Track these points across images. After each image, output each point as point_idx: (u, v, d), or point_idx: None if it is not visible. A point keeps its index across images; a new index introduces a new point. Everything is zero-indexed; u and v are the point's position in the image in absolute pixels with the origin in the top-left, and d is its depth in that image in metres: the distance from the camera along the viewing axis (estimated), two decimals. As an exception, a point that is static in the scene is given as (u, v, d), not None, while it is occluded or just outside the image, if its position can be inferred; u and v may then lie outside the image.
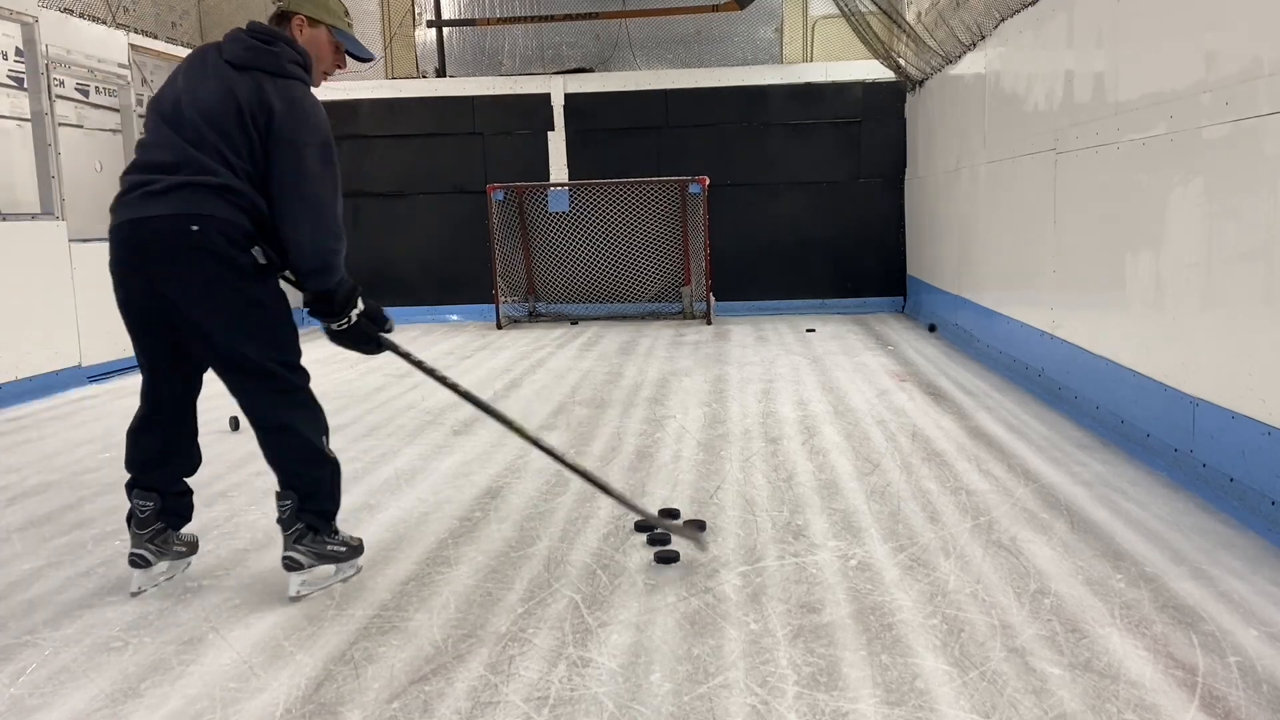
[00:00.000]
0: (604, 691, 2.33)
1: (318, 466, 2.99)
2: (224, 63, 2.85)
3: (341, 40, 3.07)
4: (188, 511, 3.12)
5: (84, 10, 7.74)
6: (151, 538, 3.00)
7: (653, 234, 10.06)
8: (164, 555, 3.05)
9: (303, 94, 2.87)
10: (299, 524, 2.94)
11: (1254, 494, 3.32)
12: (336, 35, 3.05)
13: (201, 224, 2.73)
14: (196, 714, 2.29)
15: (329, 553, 3.01)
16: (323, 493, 3.01)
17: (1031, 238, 5.67)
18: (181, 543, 3.14)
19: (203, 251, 2.74)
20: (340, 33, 3.06)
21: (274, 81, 2.82)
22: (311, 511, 2.97)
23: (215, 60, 2.87)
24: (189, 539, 3.19)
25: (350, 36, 3.10)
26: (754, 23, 10.77)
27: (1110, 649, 2.47)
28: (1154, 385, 4.04)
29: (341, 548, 3.05)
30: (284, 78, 2.84)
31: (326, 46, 3.04)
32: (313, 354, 3.12)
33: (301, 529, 2.95)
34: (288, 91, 2.82)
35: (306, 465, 2.97)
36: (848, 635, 2.58)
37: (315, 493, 2.98)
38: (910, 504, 3.67)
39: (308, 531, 2.96)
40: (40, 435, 5.34)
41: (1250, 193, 3.31)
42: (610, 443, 4.75)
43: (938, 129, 8.49)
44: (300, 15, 2.97)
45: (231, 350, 2.85)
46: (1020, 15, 5.91)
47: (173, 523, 3.06)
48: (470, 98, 10.26)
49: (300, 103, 2.83)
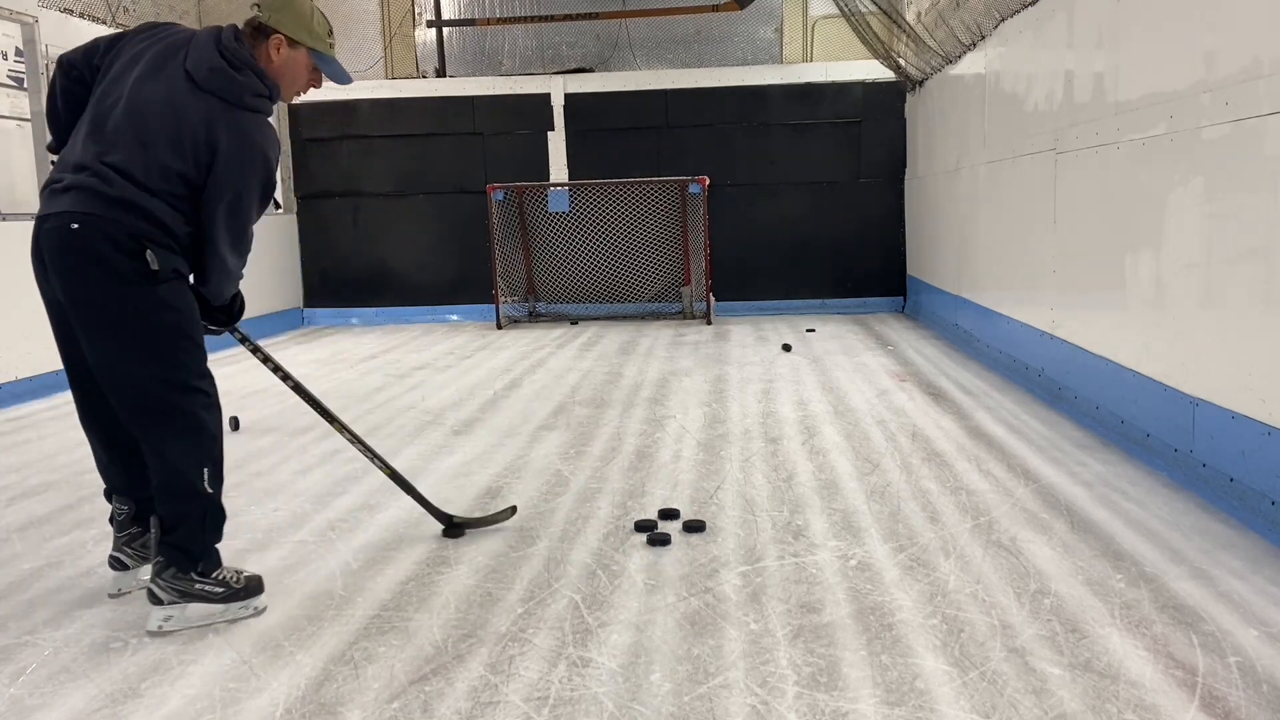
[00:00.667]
0: (604, 691, 2.33)
1: (185, 500, 2.71)
2: (184, 72, 2.68)
3: (320, 64, 2.93)
4: None
5: (84, 10, 7.74)
6: (129, 541, 2.96)
7: (652, 234, 10.06)
8: (144, 559, 2.95)
9: (256, 128, 2.72)
10: (159, 556, 2.72)
11: (1254, 494, 3.32)
12: (315, 58, 2.90)
13: (81, 222, 2.57)
14: (196, 714, 2.29)
15: (196, 592, 2.74)
16: (185, 528, 2.72)
17: (1031, 238, 5.67)
18: None
19: (80, 254, 2.58)
20: (320, 55, 2.91)
21: (229, 113, 2.67)
22: (171, 546, 2.71)
23: (176, 66, 2.69)
24: None
25: (330, 60, 2.94)
26: (754, 23, 10.76)
27: (1110, 649, 2.47)
28: (1154, 385, 4.04)
29: (217, 588, 2.76)
30: (241, 109, 2.70)
31: (303, 69, 2.89)
32: (313, 354, 3.13)
33: (162, 562, 2.71)
34: (241, 125, 2.68)
35: (172, 497, 2.71)
36: (848, 635, 2.58)
37: (176, 527, 2.72)
38: (910, 504, 3.67)
39: (168, 566, 2.71)
40: (40, 435, 5.34)
41: (1250, 193, 3.31)
42: (610, 443, 4.75)
43: (938, 129, 8.49)
44: (280, 35, 2.80)
45: (105, 362, 2.65)
46: (1020, 15, 5.91)
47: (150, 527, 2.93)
48: (470, 98, 10.26)
49: (249, 142, 2.69)
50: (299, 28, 2.83)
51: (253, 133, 2.71)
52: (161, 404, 2.67)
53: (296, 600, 2.93)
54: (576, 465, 4.34)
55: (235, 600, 2.80)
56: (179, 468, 2.69)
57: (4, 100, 7.10)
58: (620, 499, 3.82)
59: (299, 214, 10.45)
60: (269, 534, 3.54)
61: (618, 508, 3.71)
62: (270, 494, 4.03)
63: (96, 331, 2.64)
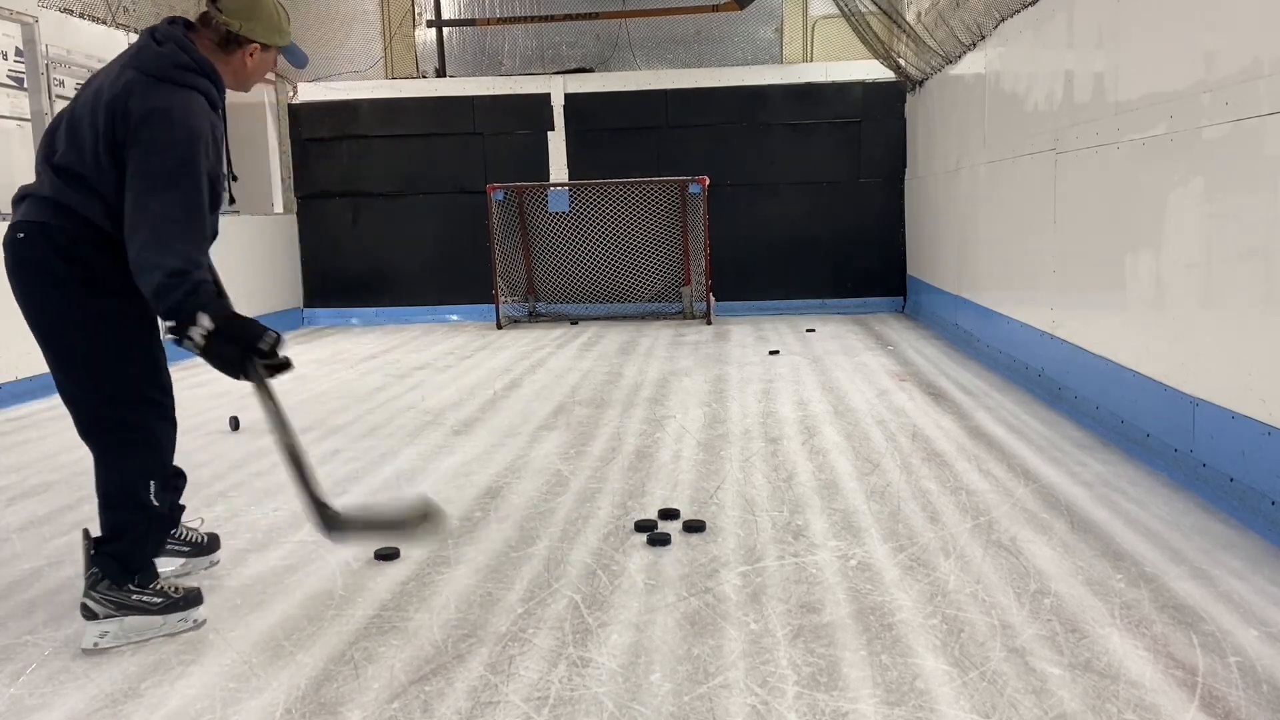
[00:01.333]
0: (604, 691, 2.33)
1: (129, 512, 2.68)
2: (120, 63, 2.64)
3: (286, 56, 2.88)
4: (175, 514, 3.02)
5: (84, 10, 7.73)
6: None
7: (652, 234, 10.06)
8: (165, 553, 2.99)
9: (173, 104, 2.54)
10: (94, 567, 2.64)
11: (1254, 494, 3.32)
12: (282, 52, 2.86)
13: (26, 230, 2.56)
14: (196, 714, 2.29)
15: (134, 604, 2.66)
16: (126, 540, 2.68)
17: (1031, 238, 5.67)
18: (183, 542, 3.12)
19: (25, 264, 2.57)
20: (286, 49, 2.86)
21: (146, 85, 2.54)
22: (108, 555, 2.65)
23: (122, 59, 2.66)
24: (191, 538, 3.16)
25: (292, 48, 2.87)
26: (754, 23, 10.75)
27: (1110, 649, 2.47)
28: (1154, 385, 4.04)
29: (155, 599, 2.69)
30: (159, 81, 2.56)
31: (271, 65, 2.87)
32: (313, 354, 3.13)
33: (96, 574, 2.64)
34: (154, 99, 2.52)
35: (115, 507, 2.68)
36: (848, 635, 2.58)
37: (115, 538, 2.67)
38: (910, 504, 3.67)
39: (103, 578, 2.64)
40: (40, 435, 5.34)
41: (1250, 193, 3.31)
42: (610, 443, 4.75)
43: (938, 129, 8.49)
44: (255, 44, 2.75)
45: (54, 370, 2.64)
46: (1020, 15, 5.91)
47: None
48: (470, 98, 10.26)
49: (164, 114, 2.51)
50: (271, 32, 2.78)
51: (168, 107, 2.53)
52: (106, 420, 2.65)
53: (296, 600, 2.93)
54: (576, 465, 4.34)
55: (174, 611, 2.71)
56: (125, 479, 2.67)
57: (4, 100, 7.10)
58: (620, 499, 3.82)
59: (299, 214, 10.45)
60: (269, 534, 3.54)
61: (618, 508, 3.71)
62: (270, 494, 4.03)
63: (43, 343, 2.64)
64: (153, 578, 2.74)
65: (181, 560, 3.13)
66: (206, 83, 2.66)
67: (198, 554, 3.19)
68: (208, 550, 3.22)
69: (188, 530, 3.18)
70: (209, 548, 3.23)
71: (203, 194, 2.55)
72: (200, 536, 3.21)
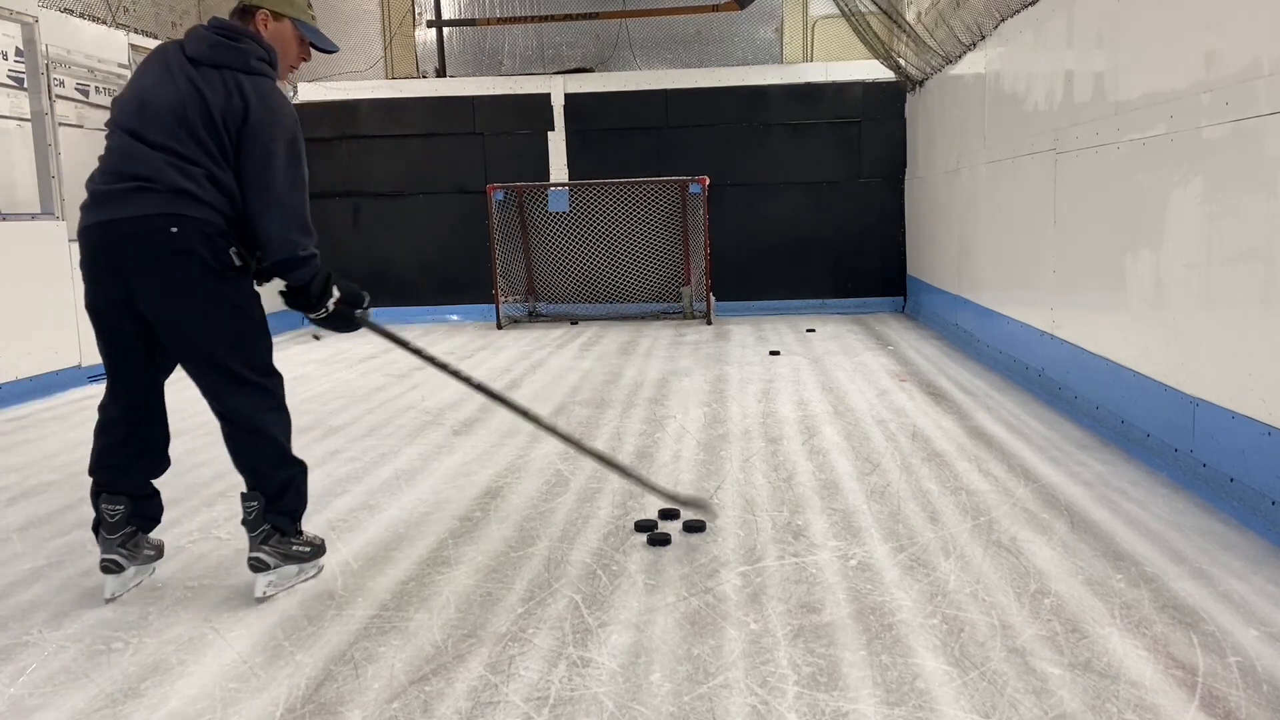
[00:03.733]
0: (604, 691, 2.33)
1: (286, 468, 2.98)
2: (188, 60, 2.82)
3: (305, 33, 3.05)
4: (158, 513, 3.08)
5: (84, 10, 7.73)
6: (123, 542, 2.96)
7: (653, 234, 10.06)
8: (134, 559, 3.00)
9: (271, 90, 2.85)
10: (265, 525, 2.93)
11: (1254, 494, 3.32)
12: (300, 28, 3.03)
13: (180, 225, 2.72)
14: (196, 714, 2.29)
15: (294, 553, 2.99)
16: (290, 494, 2.99)
17: (1031, 238, 5.67)
18: (150, 546, 3.09)
19: (182, 254, 2.73)
20: (304, 25, 3.04)
21: (244, 79, 2.79)
22: (278, 513, 2.95)
23: (178, 59, 2.83)
24: (156, 543, 3.13)
25: (314, 29, 3.08)
26: (754, 23, 10.76)
27: (1110, 649, 2.47)
28: (1154, 385, 4.04)
29: (306, 548, 3.03)
30: (253, 74, 2.82)
31: (291, 40, 3.02)
32: (313, 354, 3.14)
33: (268, 529, 2.93)
34: (258, 88, 2.80)
35: (275, 467, 2.95)
36: (848, 635, 2.58)
37: (282, 494, 2.96)
38: (910, 504, 3.67)
39: (274, 533, 2.94)
40: (40, 435, 5.34)
41: (1250, 193, 3.31)
42: (610, 443, 4.75)
43: (938, 129, 8.49)
44: (264, 10, 2.94)
45: (209, 352, 2.84)
46: (1020, 15, 5.91)
47: (143, 525, 3.03)
48: (470, 98, 10.27)
49: (269, 99, 2.81)
50: (280, 0, 2.96)
51: (269, 92, 2.83)
52: (257, 386, 2.91)
53: (296, 600, 2.93)
54: (576, 465, 4.33)
55: (317, 558, 3.08)
56: (277, 439, 2.94)
57: (4, 100, 7.10)
58: (620, 499, 3.82)
59: (299, 214, 10.44)
60: (269, 534, 3.53)
61: (618, 508, 3.71)
62: (270, 494, 4.02)
63: (199, 325, 2.82)
64: (300, 529, 3.04)
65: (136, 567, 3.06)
66: (274, 71, 2.93)
67: (158, 557, 3.14)
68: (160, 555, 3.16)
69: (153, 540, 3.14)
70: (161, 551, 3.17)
71: (306, 168, 2.89)
72: (158, 540, 3.15)
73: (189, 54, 2.83)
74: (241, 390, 2.88)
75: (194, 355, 2.86)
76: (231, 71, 2.79)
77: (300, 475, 3.03)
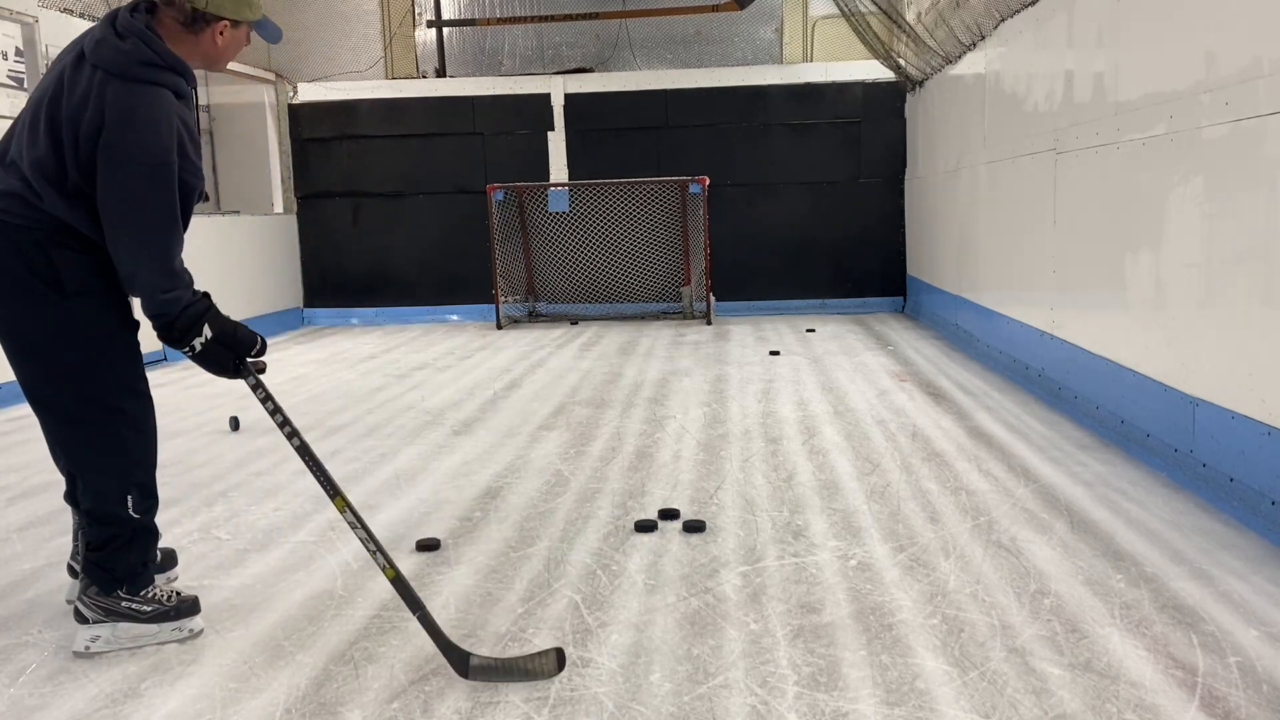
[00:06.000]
0: (604, 691, 2.33)
1: (110, 525, 2.60)
2: (80, 52, 2.48)
3: (259, 31, 2.71)
4: None
5: (84, 10, 7.73)
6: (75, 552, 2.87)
7: (653, 234, 10.06)
8: None
9: (143, 104, 2.42)
10: (85, 574, 2.63)
11: (1254, 494, 3.32)
12: (255, 28, 2.69)
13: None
14: (196, 714, 2.29)
15: (123, 611, 2.62)
16: (109, 550, 2.61)
17: (1031, 238, 5.67)
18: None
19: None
20: (259, 24, 2.70)
21: (114, 85, 2.41)
22: (95, 564, 2.61)
23: (76, 48, 2.50)
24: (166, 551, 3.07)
25: (265, 22, 2.71)
26: (754, 23, 10.75)
27: (1110, 649, 2.47)
28: (1154, 385, 4.04)
29: (145, 607, 2.64)
30: (127, 81, 2.42)
31: (243, 41, 2.69)
32: (312, 354, 3.12)
33: (86, 580, 2.62)
34: (125, 100, 2.40)
35: (97, 521, 2.60)
36: (848, 635, 2.58)
37: (102, 547, 2.60)
38: (910, 504, 3.67)
39: (91, 584, 2.61)
40: (40, 435, 5.32)
41: (1250, 193, 3.31)
42: (610, 443, 4.75)
43: (938, 129, 8.49)
44: (224, 20, 2.58)
45: (27, 379, 2.54)
46: (1020, 15, 5.91)
47: None
48: (470, 98, 10.27)
49: (134, 115, 2.40)
50: (240, 6, 2.60)
51: (137, 106, 2.41)
52: (85, 424, 2.58)
53: (296, 600, 2.93)
54: (576, 465, 4.34)
55: (166, 620, 2.66)
56: (100, 489, 2.58)
57: (4, 100, 7.10)
58: (620, 499, 3.82)
59: (299, 214, 10.45)
60: (269, 534, 3.54)
61: (618, 508, 3.71)
62: (270, 494, 4.03)
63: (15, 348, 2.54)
64: (144, 585, 2.67)
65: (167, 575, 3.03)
66: (174, 77, 2.51)
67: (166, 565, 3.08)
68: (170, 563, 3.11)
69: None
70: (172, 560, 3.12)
71: (175, 195, 2.46)
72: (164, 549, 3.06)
73: (84, 47, 2.48)
74: (63, 424, 2.59)
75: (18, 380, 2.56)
76: (105, 74, 2.41)
77: (133, 539, 2.63)
